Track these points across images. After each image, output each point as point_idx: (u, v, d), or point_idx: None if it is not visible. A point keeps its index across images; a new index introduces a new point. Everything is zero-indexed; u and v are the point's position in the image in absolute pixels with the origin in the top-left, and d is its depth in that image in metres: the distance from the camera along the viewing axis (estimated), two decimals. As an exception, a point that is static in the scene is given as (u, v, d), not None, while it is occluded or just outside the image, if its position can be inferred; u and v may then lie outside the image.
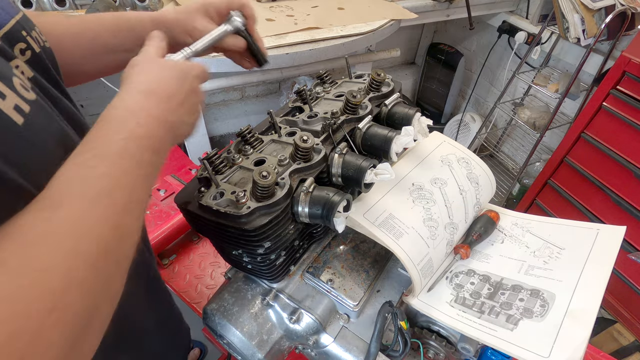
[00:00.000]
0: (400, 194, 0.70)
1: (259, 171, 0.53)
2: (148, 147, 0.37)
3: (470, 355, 0.65)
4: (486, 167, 0.83)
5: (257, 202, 0.54)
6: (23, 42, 0.41)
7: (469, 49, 2.88)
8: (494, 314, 0.63)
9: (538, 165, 2.43)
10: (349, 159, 0.62)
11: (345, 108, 0.69)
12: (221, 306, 0.69)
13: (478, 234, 0.76)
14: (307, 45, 1.43)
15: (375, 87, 0.77)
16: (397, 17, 1.68)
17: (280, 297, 0.69)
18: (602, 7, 1.78)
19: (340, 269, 0.70)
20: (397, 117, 0.73)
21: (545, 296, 0.63)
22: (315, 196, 0.56)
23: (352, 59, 1.85)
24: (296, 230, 0.63)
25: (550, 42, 2.17)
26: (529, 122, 2.25)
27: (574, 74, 1.92)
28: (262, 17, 1.56)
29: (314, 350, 0.71)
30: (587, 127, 1.73)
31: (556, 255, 0.71)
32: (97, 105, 2.35)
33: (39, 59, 0.43)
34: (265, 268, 0.63)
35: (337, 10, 1.69)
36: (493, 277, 0.70)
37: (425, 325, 0.70)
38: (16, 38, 0.40)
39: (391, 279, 0.74)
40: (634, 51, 1.49)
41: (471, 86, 2.92)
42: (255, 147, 0.67)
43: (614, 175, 1.67)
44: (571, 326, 0.57)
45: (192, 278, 1.10)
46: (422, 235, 0.67)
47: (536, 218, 0.82)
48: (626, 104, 1.54)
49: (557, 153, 1.91)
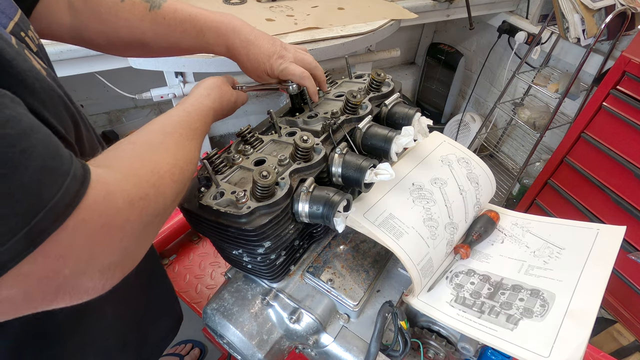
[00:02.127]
0: (401, 194, 0.70)
1: (259, 171, 0.53)
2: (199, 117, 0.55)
3: (470, 355, 0.65)
4: (486, 167, 0.83)
5: (257, 202, 0.54)
6: (22, 43, 0.43)
7: (469, 49, 2.88)
8: (494, 314, 0.63)
9: (538, 165, 2.43)
10: (349, 158, 0.62)
11: (345, 108, 0.69)
12: (221, 306, 0.69)
13: (478, 234, 0.76)
14: (307, 45, 1.43)
15: (375, 87, 0.77)
16: (397, 17, 1.68)
17: (281, 296, 0.69)
18: (602, 7, 1.78)
19: (340, 268, 0.70)
20: (397, 117, 0.73)
21: (545, 296, 0.63)
22: (315, 196, 0.57)
23: (352, 59, 1.85)
24: (296, 230, 0.63)
25: (550, 42, 2.17)
26: (529, 122, 2.25)
27: (574, 74, 1.92)
28: (262, 17, 1.56)
29: (314, 350, 0.71)
30: (587, 127, 1.73)
31: (556, 255, 0.71)
32: (97, 105, 2.35)
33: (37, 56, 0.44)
34: (266, 268, 0.64)
35: (337, 10, 1.69)
36: (493, 277, 0.70)
37: (425, 325, 0.70)
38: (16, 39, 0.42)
39: (391, 278, 0.74)
40: (634, 51, 1.49)
41: (471, 86, 2.92)
42: (255, 147, 0.67)
43: (614, 175, 1.67)
44: (571, 326, 0.57)
45: (192, 278, 1.10)
46: (422, 235, 0.67)
47: (536, 218, 0.82)
48: (626, 104, 1.54)
49: (557, 153, 1.91)
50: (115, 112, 2.45)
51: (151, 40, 0.66)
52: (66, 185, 0.30)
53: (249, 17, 1.54)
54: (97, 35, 0.63)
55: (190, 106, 0.56)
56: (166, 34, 0.66)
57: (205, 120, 0.57)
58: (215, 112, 0.61)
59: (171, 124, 0.50)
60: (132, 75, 1.72)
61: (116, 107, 2.43)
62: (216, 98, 0.61)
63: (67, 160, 0.31)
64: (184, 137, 0.49)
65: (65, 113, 0.41)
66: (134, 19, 0.63)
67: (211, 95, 0.61)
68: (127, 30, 0.64)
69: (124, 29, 0.63)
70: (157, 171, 0.41)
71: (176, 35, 0.66)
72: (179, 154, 0.46)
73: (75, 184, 0.31)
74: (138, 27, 0.64)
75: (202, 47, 0.68)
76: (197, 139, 0.53)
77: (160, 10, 0.64)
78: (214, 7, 1.59)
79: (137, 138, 0.45)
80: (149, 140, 0.45)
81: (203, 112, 0.57)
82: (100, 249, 0.33)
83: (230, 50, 0.69)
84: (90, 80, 1.65)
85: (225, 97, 0.64)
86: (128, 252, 0.37)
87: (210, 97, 0.60)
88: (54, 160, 0.30)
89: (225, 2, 1.65)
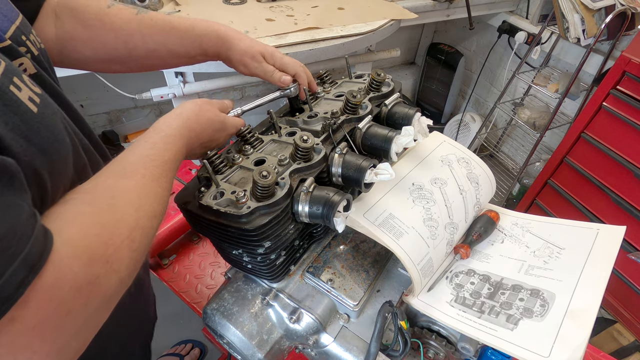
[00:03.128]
0: (400, 194, 0.70)
1: (259, 171, 0.53)
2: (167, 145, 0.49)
3: (470, 355, 0.65)
4: (486, 167, 0.83)
5: (257, 202, 0.54)
6: (23, 46, 0.44)
7: (469, 49, 2.88)
8: (494, 314, 0.63)
9: (538, 165, 2.43)
10: (349, 158, 0.62)
11: (345, 108, 0.69)
12: (221, 306, 0.69)
13: (478, 234, 0.76)
14: (307, 45, 1.43)
15: (375, 87, 0.77)
16: (397, 17, 1.68)
17: (281, 296, 0.69)
18: (602, 7, 1.78)
19: (340, 268, 0.70)
20: (397, 117, 0.73)
21: (545, 296, 0.63)
22: (315, 196, 0.57)
23: (352, 59, 1.85)
24: (296, 230, 0.63)
25: (550, 42, 2.17)
26: (529, 122, 2.25)
27: (574, 74, 1.92)
28: (262, 17, 1.56)
29: (314, 350, 0.71)
30: (587, 127, 1.73)
31: (556, 255, 0.71)
32: (96, 105, 2.35)
33: (38, 60, 0.45)
34: (266, 268, 0.64)
35: (337, 10, 1.69)
36: (493, 277, 0.70)
37: (425, 325, 0.70)
38: (17, 42, 0.43)
39: (391, 278, 0.74)
40: (634, 51, 1.48)
41: (471, 86, 2.92)
42: (255, 147, 0.67)
43: (614, 175, 1.67)
44: (571, 326, 0.57)
45: (192, 278, 1.10)
46: (422, 235, 0.67)
47: (536, 218, 0.82)
48: (626, 104, 1.54)
49: (557, 153, 1.91)
50: (115, 112, 2.45)
51: (138, 42, 0.64)
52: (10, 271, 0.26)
53: (249, 17, 1.54)
54: (82, 44, 0.62)
55: (155, 135, 0.48)
56: (153, 34, 0.65)
57: (176, 146, 0.49)
58: (190, 131, 0.52)
59: (132, 164, 0.44)
60: (132, 75, 1.72)
61: (116, 107, 2.43)
62: (190, 117, 0.53)
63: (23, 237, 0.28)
64: (147, 177, 0.43)
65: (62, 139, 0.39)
66: (120, 22, 0.63)
67: (183, 115, 0.53)
68: (113, 35, 0.63)
69: (110, 33, 0.63)
70: (113, 242, 0.36)
71: (163, 34, 0.65)
72: (141, 206, 0.41)
73: (23, 271, 0.27)
74: (125, 29, 0.63)
75: (189, 44, 0.67)
76: (165, 174, 0.46)
77: (147, 14, 0.65)
78: (214, 7, 1.59)
79: (95, 191, 0.40)
80: (108, 193, 0.40)
81: (173, 138, 0.49)
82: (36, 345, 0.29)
83: (221, 37, 0.68)
84: (90, 80, 1.65)
85: (203, 115, 0.56)
86: (66, 346, 0.33)
87: (182, 117, 0.52)
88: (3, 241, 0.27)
89: (225, 2, 1.65)
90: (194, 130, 0.53)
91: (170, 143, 0.48)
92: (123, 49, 0.64)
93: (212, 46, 0.68)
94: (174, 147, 0.48)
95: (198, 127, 0.54)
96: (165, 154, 0.47)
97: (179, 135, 0.50)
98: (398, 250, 0.63)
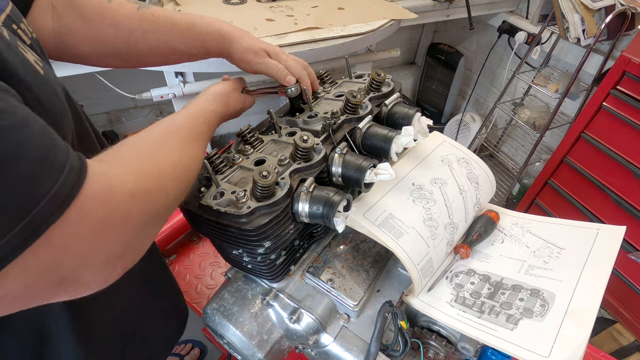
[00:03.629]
0: (401, 194, 0.70)
1: (259, 171, 0.53)
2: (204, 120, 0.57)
3: (470, 355, 0.65)
4: (486, 167, 0.83)
5: (257, 202, 0.54)
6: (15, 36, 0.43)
7: (469, 49, 2.88)
8: (494, 314, 0.63)
9: (538, 165, 2.43)
10: (349, 158, 0.62)
11: (345, 108, 0.69)
12: (221, 306, 0.69)
13: (478, 234, 0.76)
14: (307, 45, 1.43)
15: (375, 87, 0.77)
16: (397, 17, 1.68)
17: (281, 296, 0.69)
18: (602, 7, 1.78)
19: (340, 268, 0.70)
20: (397, 117, 0.73)
21: (545, 296, 0.63)
22: (315, 196, 0.57)
23: (352, 59, 1.85)
24: (296, 230, 0.63)
25: (550, 42, 2.17)
26: (529, 122, 2.25)
27: (574, 74, 1.92)
28: (262, 17, 1.56)
29: (314, 350, 0.71)
30: (587, 127, 1.73)
31: (556, 255, 0.71)
32: (96, 105, 2.35)
33: (31, 49, 0.44)
34: (266, 268, 0.64)
35: (337, 10, 1.69)
36: (493, 276, 0.70)
37: (425, 325, 0.70)
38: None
39: (391, 278, 0.74)
40: (634, 51, 1.48)
41: (471, 86, 2.92)
42: (256, 147, 0.67)
43: (614, 175, 1.67)
44: (571, 326, 0.57)
45: (192, 278, 1.10)
46: (422, 235, 0.67)
47: (536, 218, 0.82)
48: (626, 104, 1.54)
49: (557, 153, 1.91)
50: (115, 112, 2.45)
51: (139, 39, 0.64)
52: (64, 176, 0.30)
53: (249, 17, 1.54)
54: (80, 39, 0.61)
55: (195, 110, 0.56)
56: (155, 30, 0.64)
57: (210, 124, 0.57)
58: (220, 116, 0.61)
59: (175, 124, 0.50)
60: (132, 75, 1.72)
61: (116, 107, 2.43)
62: (221, 103, 0.62)
63: (64, 151, 0.31)
64: (187, 138, 0.49)
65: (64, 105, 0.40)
66: (120, 17, 0.62)
67: (216, 101, 0.61)
68: (113, 31, 0.62)
69: (110, 28, 0.61)
70: (159, 168, 0.41)
71: (165, 31, 0.64)
72: (182, 153, 0.47)
73: (73, 176, 0.30)
74: (125, 25, 0.62)
75: (191, 42, 0.66)
76: (201, 140, 0.53)
77: (149, 10, 0.64)
78: (214, 7, 1.59)
79: (140, 137, 0.45)
80: (152, 138, 0.46)
81: (208, 116, 0.57)
82: (101, 241, 0.33)
83: (223, 35, 0.67)
84: (90, 80, 1.65)
85: (231, 104, 0.64)
86: (129, 246, 0.37)
87: (215, 102, 0.61)
88: (51, 152, 0.30)
89: (225, 2, 1.65)
90: (222, 114, 0.62)
91: (207, 119, 0.57)
92: (123, 45, 0.64)
93: (214, 45, 0.68)
94: (209, 122, 0.57)
95: (225, 111, 0.63)
96: (202, 126, 0.55)
97: (211, 115, 0.58)
98: (398, 250, 0.63)
